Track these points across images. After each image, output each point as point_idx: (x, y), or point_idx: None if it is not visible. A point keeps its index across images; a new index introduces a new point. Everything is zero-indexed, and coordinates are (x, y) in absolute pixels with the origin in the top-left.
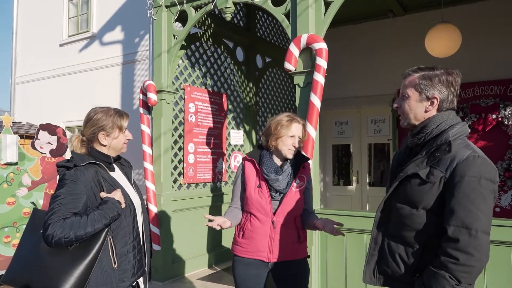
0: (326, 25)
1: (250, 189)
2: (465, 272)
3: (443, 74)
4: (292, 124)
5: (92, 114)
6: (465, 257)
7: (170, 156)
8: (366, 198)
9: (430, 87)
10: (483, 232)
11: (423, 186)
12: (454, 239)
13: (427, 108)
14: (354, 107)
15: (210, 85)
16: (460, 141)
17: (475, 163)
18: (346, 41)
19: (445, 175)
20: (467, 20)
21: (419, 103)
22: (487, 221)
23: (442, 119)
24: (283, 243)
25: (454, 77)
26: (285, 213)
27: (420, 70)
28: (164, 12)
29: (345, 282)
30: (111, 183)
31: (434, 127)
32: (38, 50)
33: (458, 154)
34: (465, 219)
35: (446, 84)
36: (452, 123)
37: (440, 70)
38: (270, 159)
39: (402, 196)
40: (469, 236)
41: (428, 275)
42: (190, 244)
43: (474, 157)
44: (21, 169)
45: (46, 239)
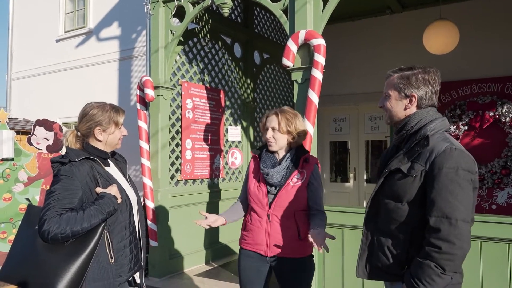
0: (324, 21)
1: (251, 184)
2: (449, 260)
3: (420, 73)
4: (266, 118)
5: (88, 110)
6: (447, 246)
7: (167, 152)
8: (363, 194)
9: (408, 85)
10: (462, 221)
11: (406, 180)
12: (435, 229)
13: (406, 105)
14: (351, 104)
15: (207, 81)
16: (439, 135)
17: (452, 154)
18: (344, 37)
19: (425, 168)
20: (465, 17)
21: (399, 101)
22: (466, 210)
23: (421, 116)
24: (280, 238)
25: (431, 75)
26: (281, 207)
27: (399, 70)
28: (162, 7)
29: (342, 277)
30: (107, 178)
31: (414, 123)
32: (34, 46)
33: (436, 147)
34: (445, 209)
35: (424, 82)
36: (431, 119)
37: (418, 69)
38: (270, 154)
39: (388, 191)
40: (449, 226)
41: (415, 266)
42: (187, 240)
43: (451, 149)
44: (18, 165)
45: (42, 235)
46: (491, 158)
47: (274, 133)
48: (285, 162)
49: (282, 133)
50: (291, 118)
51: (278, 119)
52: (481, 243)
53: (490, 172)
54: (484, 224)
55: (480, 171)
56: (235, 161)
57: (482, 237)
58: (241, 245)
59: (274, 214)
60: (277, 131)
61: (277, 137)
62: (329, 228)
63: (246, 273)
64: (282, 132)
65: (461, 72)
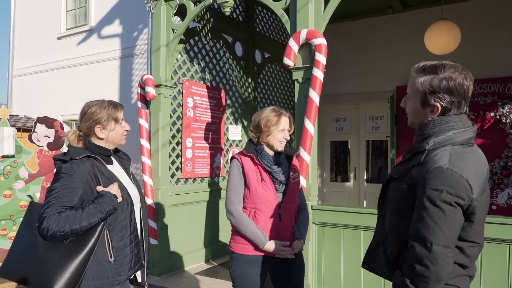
0: (326, 21)
1: (254, 184)
2: (422, 281)
3: (446, 79)
4: (280, 118)
5: (86, 108)
6: (420, 268)
7: (168, 150)
8: (364, 194)
9: (430, 94)
10: (439, 246)
11: (398, 190)
12: (412, 248)
13: (428, 115)
14: (352, 104)
15: (208, 79)
16: (439, 151)
17: (441, 175)
18: (345, 37)
19: (416, 182)
20: (467, 18)
21: (420, 109)
22: (445, 236)
23: (436, 124)
24: (288, 236)
25: (459, 81)
26: (288, 206)
27: (423, 72)
28: (163, 5)
29: (341, 277)
30: (108, 177)
31: (425, 131)
32: (35, 43)
33: (430, 162)
34: (421, 231)
35: (449, 91)
36: (443, 130)
37: (445, 73)
38: (267, 153)
39: (388, 195)
40: (424, 248)
41: (397, 278)
42: (187, 238)
43: (442, 169)
44: (18, 162)
45: (41, 232)
46: (491, 158)
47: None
48: (282, 160)
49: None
50: None
51: (290, 122)
52: (509, 246)
53: (490, 172)
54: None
55: None
56: None
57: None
58: (236, 250)
59: (284, 213)
60: (288, 133)
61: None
62: (329, 227)
63: (244, 282)
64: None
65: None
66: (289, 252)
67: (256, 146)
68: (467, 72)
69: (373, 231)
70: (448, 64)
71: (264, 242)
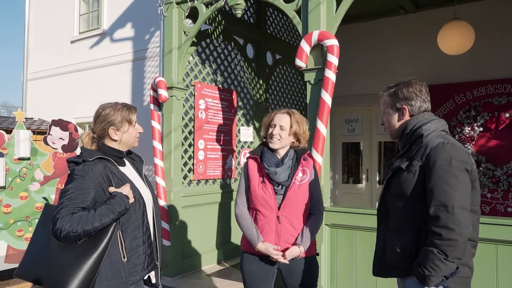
0: (338, 22)
1: (254, 185)
2: (450, 245)
3: (404, 87)
4: (273, 114)
5: (100, 110)
6: (446, 232)
7: (180, 152)
8: (376, 196)
9: (396, 100)
10: (459, 208)
11: (407, 177)
12: (435, 217)
13: (400, 117)
14: (364, 105)
15: (220, 81)
16: (433, 133)
17: (445, 148)
18: (357, 38)
19: (422, 162)
20: (481, 17)
21: (393, 115)
22: (462, 198)
23: (417, 120)
24: (290, 239)
25: (415, 87)
26: (290, 208)
27: (388, 89)
28: (175, 8)
29: (354, 279)
30: (120, 178)
31: (410, 127)
32: (49, 47)
33: (430, 143)
34: (442, 198)
35: (409, 94)
36: (426, 121)
37: (403, 85)
38: (271, 154)
39: (393, 190)
40: (447, 213)
41: (422, 255)
42: (199, 240)
43: (444, 143)
44: (34, 164)
45: (55, 233)
46: (507, 160)
47: (281, 131)
48: (287, 161)
49: (289, 134)
50: (301, 122)
51: (290, 120)
52: (496, 246)
53: (505, 174)
54: (500, 227)
55: (495, 173)
56: None
57: (498, 240)
58: (244, 249)
59: (284, 215)
60: (285, 131)
61: (283, 136)
62: (342, 229)
63: (252, 277)
64: (289, 133)
65: (476, 73)
66: (281, 257)
67: (264, 147)
68: (420, 82)
69: None
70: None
71: (257, 242)
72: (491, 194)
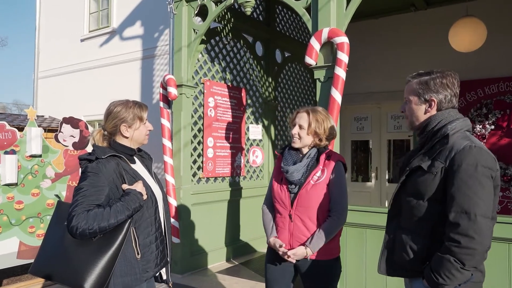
0: (348, 19)
1: (274, 183)
2: (468, 254)
3: (438, 77)
4: (296, 113)
5: (112, 108)
6: (466, 240)
7: (189, 150)
8: (385, 194)
9: (427, 90)
10: (482, 216)
11: (426, 178)
12: (454, 224)
13: (426, 109)
14: (374, 103)
15: (229, 79)
16: (459, 134)
17: (471, 152)
18: (367, 35)
19: (445, 165)
20: (493, 14)
21: (419, 106)
22: (486, 206)
23: (442, 117)
24: (303, 239)
25: (449, 79)
26: (303, 207)
27: (418, 75)
28: (185, 6)
29: (364, 277)
30: (133, 175)
31: (435, 124)
32: (60, 45)
33: (456, 145)
34: (464, 204)
35: (442, 86)
36: (452, 119)
37: (436, 73)
38: (293, 152)
39: (409, 189)
40: (468, 220)
41: (435, 260)
42: (208, 237)
43: (471, 147)
44: (45, 161)
45: (71, 230)
46: None
47: (300, 131)
48: (306, 159)
49: (309, 133)
50: (322, 120)
51: (308, 119)
52: (509, 245)
53: None
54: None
55: (507, 172)
56: (256, 160)
57: (510, 239)
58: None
59: (296, 214)
60: (304, 130)
61: (302, 136)
62: (352, 227)
63: (271, 271)
64: (309, 133)
65: (488, 70)
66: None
67: (290, 145)
68: (454, 73)
69: None
70: (437, 69)
71: (269, 237)
72: (502, 193)
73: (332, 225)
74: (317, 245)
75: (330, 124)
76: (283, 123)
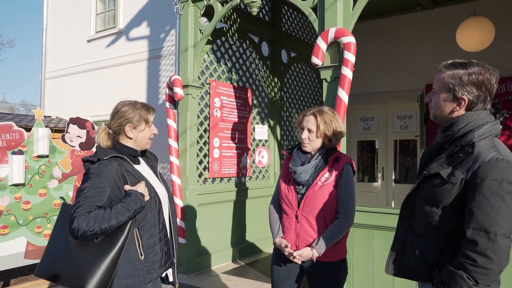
0: (355, 19)
1: (282, 183)
2: (483, 274)
3: (475, 74)
4: (303, 116)
5: (119, 107)
6: (483, 260)
7: (195, 150)
8: (392, 195)
9: (459, 87)
10: (502, 236)
11: (444, 186)
12: (472, 241)
13: (454, 108)
14: (380, 103)
15: (235, 80)
16: (486, 142)
17: (498, 165)
18: (373, 35)
19: (467, 176)
20: (500, 12)
21: (447, 103)
22: (508, 226)
23: (471, 119)
24: (309, 240)
25: (487, 76)
26: (310, 208)
27: (452, 66)
28: (191, 7)
29: (371, 278)
30: (135, 176)
31: (461, 126)
32: (67, 46)
33: (481, 156)
34: (484, 223)
35: (477, 85)
36: (481, 123)
37: (473, 68)
38: (300, 153)
39: (424, 193)
40: (487, 240)
41: (447, 274)
42: (214, 238)
43: (497, 159)
44: (52, 162)
45: (72, 232)
46: None
47: (310, 135)
48: (314, 160)
49: (318, 136)
50: (330, 121)
51: (316, 122)
52: None
53: None
54: None
55: None
56: (262, 160)
57: None
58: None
59: (303, 215)
60: (313, 133)
61: (312, 139)
62: (359, 228)
63: (277, 272)
64: (318, 135)
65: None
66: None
67: (298, 145)
68: (494, 69)
69: None
70: (477, 61)
71: (275, 237)
72: None
73: (339, 227)
74: (323, 246)
75: (338, 123)
76: (289, 123)
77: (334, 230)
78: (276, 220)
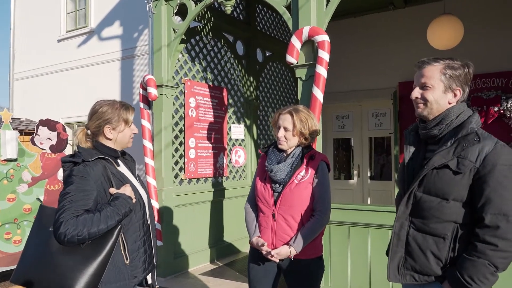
0: (328, 17)
1: (258, 182)
2: (503, 257)
3: (465, 67)
4: (278, 115)
5: (97, 107)
6: (504, 243)
7: (171, 151)
8: (367, 192)
9: (454, 80)
10: None
11: (454, 177)
12: (493, 226)
13: (450, 100)
14: (355, 101)
15: (210, 79)
16: (482, 130)
17: (503, 151)
18: (347, 34)
19: (475, 165)
20: (469, 12)
21: (444, 95)
22: None
23: (460, 110)
24: (286, 238)
25: (471, 70)
26: (286, 206)
27: (441, 60)
28: (164, 5)
29: (348, 275)
30: (120, 178)
31: (454, 118)
32: (36, 46)
33: (486, 144)
34: (502, 206)
35: (467, 78)
36: (469, 114)
37: (459, 62)
38: (276, 152)
39: (430, 188)
40: (507, 223)
41: (466, 264)
42: (191, 239)
43: (502, 146)
44: (21, 165)
45: (59, 237)
46: None
47: (286, 133)
48: (290, 158)
49: (294, 134)
50: (306, 119)
51: (292, 120)
52: None
53: None
54: None
55: None
56: (238, 160)
57: None
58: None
59: (280, 213)
60: (290, 131)
61: (289, 137)
62: (335, 225)
63: (253, 272)
64: (294, 134)
65: None
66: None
67: (274, 144)
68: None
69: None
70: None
71: (252, 236)
72: None
73: (316, 224)
74: (301, 244)
75: (314, 122)
76: (265, 122)
77: (311, 227)
78: (252, 219)
